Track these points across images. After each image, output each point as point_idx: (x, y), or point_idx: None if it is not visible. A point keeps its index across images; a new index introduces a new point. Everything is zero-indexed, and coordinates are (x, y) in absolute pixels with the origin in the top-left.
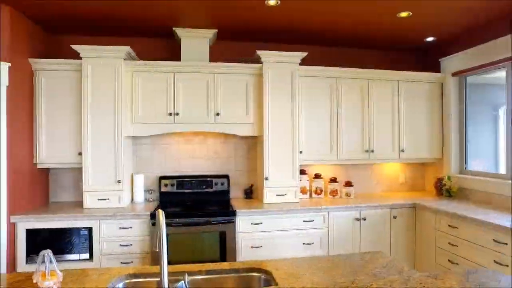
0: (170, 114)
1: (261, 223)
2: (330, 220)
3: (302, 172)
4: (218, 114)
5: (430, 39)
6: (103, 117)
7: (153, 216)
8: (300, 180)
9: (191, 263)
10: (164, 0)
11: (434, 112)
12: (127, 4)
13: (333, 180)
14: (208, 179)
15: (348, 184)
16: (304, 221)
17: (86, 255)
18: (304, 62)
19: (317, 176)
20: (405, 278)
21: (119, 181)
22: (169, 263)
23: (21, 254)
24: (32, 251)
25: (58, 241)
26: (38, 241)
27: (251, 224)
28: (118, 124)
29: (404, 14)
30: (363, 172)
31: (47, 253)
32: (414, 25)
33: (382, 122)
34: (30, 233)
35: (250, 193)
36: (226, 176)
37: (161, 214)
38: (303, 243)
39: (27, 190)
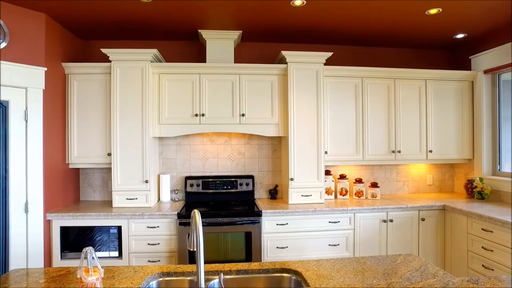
0: (196, 115)
1: (287, 223)
2: (356, 222)
3: (327, 172)
4: (243, 114)
5: (460, 36)
6: (131, 118)
7: (180, 216)
8: (325, 180)
9: (217, 263)
10: (190, 2)
11: (464, 111)
12: (154, 9)
13: (358, 181)
14: (233, 179)
15: (374, 185)
16: (329, 222)
17: (116, 253)
18: (328, 61)
19: (342, 176)
20: (443, 282)
21: (146, 181)
22: (195, 262)
23: (56, 250)
24: (66, 248)
25: (89, 239)
26: (71, 238)
27: (277, 224)
28: (146, 125)
29: (433, 11)
30: (389, 173)
31: (90, 250)
32: (444, 22)
33: (409, 122)
34: (64, 230)
35: (275, 194)
36: (251, 177)
37: (197, 214)
38: (329, 244)
39: (60, 189)
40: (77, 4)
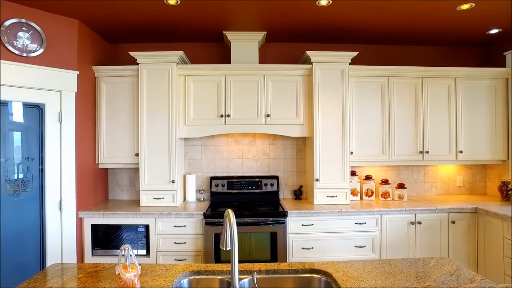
0: (221, 115)
1: (312, 224)
2: (383, 223)
3: (352, 173)
4: (268, 115)
5: (494, 31)
6: (158, 119)
7: (206, 215)
8: (351, 181)
9: (242, 262)
10: (216, 4)
11: (498, 109)
12: (181, 11)
13: (385, 182)
14: (258, 180)
15: (401, 186)
16: (355, 223)
17: (144, 251)
18: (354, 61)
19: (368, 177)
20: None
21: (173, 181)
22: (221, 261)
23: (88, 247)
24: (96, 245)
25: (117, 237)
26: (100, 236)
27: (302, 225)
28: (172, 126)
29: (465, 7)
30: (416, 174)
31: (128, 247)
32: (476, 17)
33: (437, 122)
34: (94, 228)
35: (299, 194)
36: (276, 177)
37: (231, 214)
38: (355, 246)
39: (91, 188)
40: (107, 9)
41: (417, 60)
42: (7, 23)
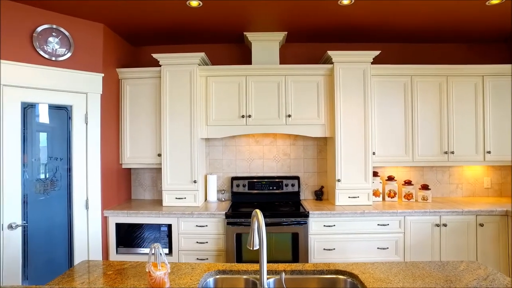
0: (243, 116)
1: (334, 225)
2: (407, 225)
3: (375, 174)
4: (289, 115)
5: None
6: (180, 120)
7: (227, 215)
8: (373, 182)
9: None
10: (237, 4)
11: None
12: (202, 13)
13: (408, 182)
14: (279, 180)
15: (425, 187)
16: (378, 224)
17: (166, 250)
18: (375, 60)
19: (390, 178)
20: None
21: (195, 181)
22: (242, 261)
23: (112, 245)
24: (120, 243)
25: (141, 235)
26: (124, 234)
27: (324, 226)
28: (194, 126)
29: (495, 1)
30: (441, 175)
31: (158, 246)
32: (507, 12)
33: (463, 121)
34: (118, 226)
35: (320, 195)
36: (297, 178)
37: (259, 214)
38: (377, 248)
39: (115, 188)
40: (131, 12)
41: (441, 58)
42: (39, 29)
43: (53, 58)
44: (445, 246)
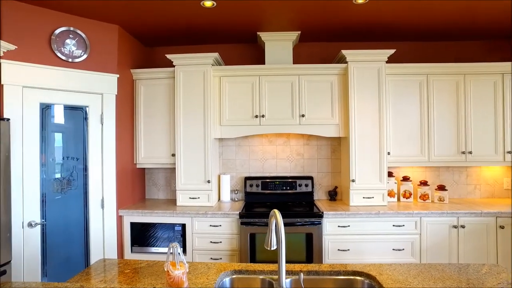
0: (256, 116)
1: (349, 226)
2: (423, 226)
3: (389, 174)
4: (303, 115)
5: None
6: (193, 120)
7: (241, 215)
8: (388, 182)
9: (276, 263)
10: (251, 5)
11: None
12: (216, 14)
13: (424, 183)
14: (292, 180)
15: (441, 188)
16: (393, 225)
17: (180, 249)
18: (390, 59)
19: (406, 178)
20: None
21: (208, 181)
22: (256, 261)
23: (127, 244)
24: (134, 242)
25: (155, 234)
26: (138, 233)
27: (338, 226)
28: (207, 126)
29: None
30: (458, 176)
31: (176, 246)
32: None
33: (482, 120)
34: (133, 225)
35: (334, 195)
36: (310, 178)
37: (277, 214)
38: (393, 249)
39: (130, 187)
40: (146, 14)
41: (457, 56)
42: (57, 31)
43: (70, 60)
44: (463, 249)
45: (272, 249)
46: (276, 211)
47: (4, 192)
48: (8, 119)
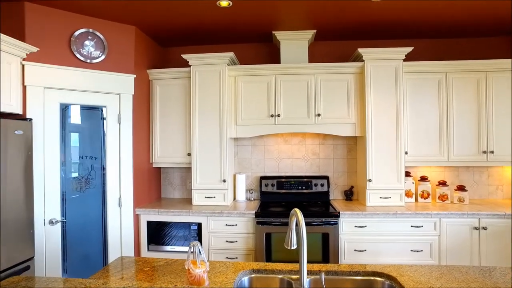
0: (272, 115)
1: (365, 226)
2: (442, 227)
3: (407, 174)
4: (319, 114)
5: None
6: (209, 119)
7: (257, 215)
8: (405, 182)
9: (293, 262)
10: (267, 4)
11: None
12: (231, 13)
13: (442, 183)
14: (308, 180)
15: (461, 188)
16: (411, 226)
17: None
18: (407, 57)
19: (423, 178)
20: None
21: (224, 181)
22: (271, 261)
23: (144, 242)
24: (151, 241)
25: (171, 233)
26: (154, 232)
27: (355, 226)
28: (223, 126)
29: None
30: (478, 176)
31: (197, 244)
32: None
33: (504, 119)
34: (150, 224)
35: (350, 195)
36: (326, 177)
37: (298, 213)
38: (411, 250)
39: (146, 187)
40: (162, 14)
41: (478, 53)
42: (77, 33)
43: (88, 61)
44: (485, 251)
45: (292, 248)
46: (297, 210)
47: (27, 190)
48: (31, 119)
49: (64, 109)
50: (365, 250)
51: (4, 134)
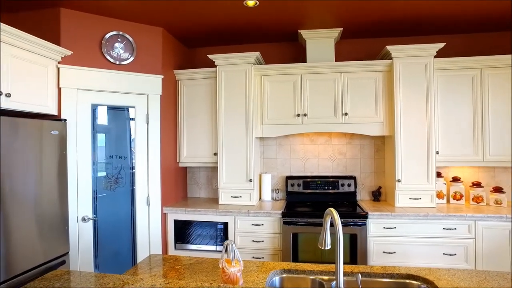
0: (298, 115)
1: (395, 227)
2: (477, 230)
3: (438, 174)
4: (346, 114)
5: None
6: (235, 119)
7: (284, 215)
8: (436, 183)
9: (319, 263)
10: (293, 4)
11: None
12: (257, 13)
13: (477, 184)
14: (334, 180)
15: (498, 190)
16: (444, 228)
17: (222, 247)
18: (438, 53)
19: (456, 179)
20: None
21: (250, 180)
22: (298, 261)
23: (171, 240)
24: (178, 239)
25: (198, 232)
26: (181, 230)
27: (383, 228)
28: (249, 125)
29: None
30: None
31: (231, 243)
32: None
33: None
34: (176, 223)
35: (378, 196)
36: (353, 177)
37: (334, 212)
38: (443, 253)
39: (173, 186)
40: (189, 15)
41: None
42: (107, 35)
43: (117, 62)
44: None
45: (326, 248)
46: (332, 209)
47: (61, 188)
48: (65, 120)
49: (95, 109)
50: (395, 252)
51: (41, 134)
